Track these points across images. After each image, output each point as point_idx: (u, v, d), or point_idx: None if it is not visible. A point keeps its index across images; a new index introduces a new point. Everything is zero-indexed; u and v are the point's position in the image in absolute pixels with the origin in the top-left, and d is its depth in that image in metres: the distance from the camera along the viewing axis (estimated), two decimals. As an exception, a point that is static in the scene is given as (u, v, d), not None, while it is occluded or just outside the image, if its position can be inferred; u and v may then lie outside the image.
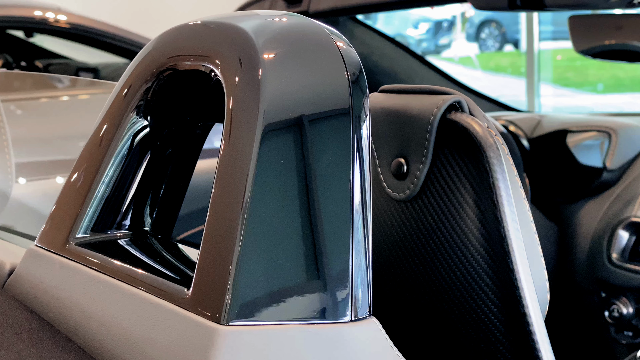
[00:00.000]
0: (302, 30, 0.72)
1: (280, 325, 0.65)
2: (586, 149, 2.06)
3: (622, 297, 1.95)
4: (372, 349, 0.67)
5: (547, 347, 0.80)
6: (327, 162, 0.67)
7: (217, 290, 0.64)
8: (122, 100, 0.79)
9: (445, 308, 0.85)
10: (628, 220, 1.94)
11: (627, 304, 1.94)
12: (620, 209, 1.98)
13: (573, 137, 2.08)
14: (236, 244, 0.64)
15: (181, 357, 0.65)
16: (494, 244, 0.81)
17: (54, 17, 3.75)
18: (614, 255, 1.94)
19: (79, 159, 0.82)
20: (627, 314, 1.94)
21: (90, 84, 2.91)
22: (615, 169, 2.03)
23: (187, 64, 0.74)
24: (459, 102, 0.83)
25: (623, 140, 2.04)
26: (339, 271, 0.66)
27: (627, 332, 1.96)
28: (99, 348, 0.71)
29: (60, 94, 2.52)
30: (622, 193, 2.02)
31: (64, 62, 4.16)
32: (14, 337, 0.70)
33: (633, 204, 1.95)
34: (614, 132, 2.05)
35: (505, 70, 10.03)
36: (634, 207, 1.94)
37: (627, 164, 2.05)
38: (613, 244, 1.95)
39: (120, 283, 0.72)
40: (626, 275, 1.92)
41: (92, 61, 4.16)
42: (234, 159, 0.67)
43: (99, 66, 4.15)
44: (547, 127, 2.14)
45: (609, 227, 1.98)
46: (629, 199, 1.98)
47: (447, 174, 0.84)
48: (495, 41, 10.63)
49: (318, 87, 0.69)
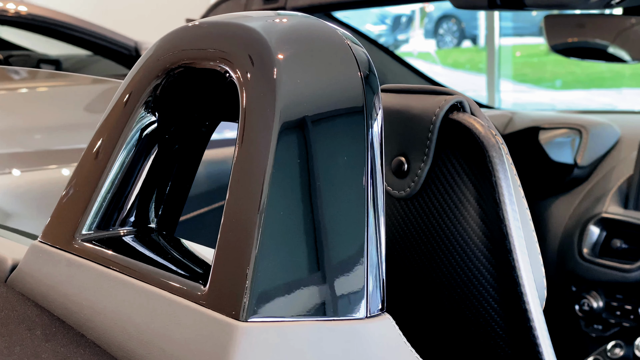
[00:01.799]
0: (314, 30, 0.73)
1: (297, 321, 0.65)
2: (557, 145, 2.09)
3: (593, 291, 1.99)
4: (387, 345, 0.68)
5: (547, 342, 0.81)
6: (343, 160, 0.68)
7: (236, 288, 0.65)
8: (131, 95, 0.79)
9: (445, 304, 0.87)
10: (599, 216, 1.98)
11: (597, 298, 1.98)
12: (591, 205, 2.02)
13: (545, 134, 2.11)
14: (254, 242, 0.65)
15: (199, 353, 0.66)
16: (496, 241, 0.82)
17: (14, 8, 3.72)
18: (585, 250, 1.98)
19: (85, 154, 0.82)
20: (597, 307, 1.98)
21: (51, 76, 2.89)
22: (586, 165, 2.07)
23: (199, 62, 0.75)
24: (461, 102, 0.85)
25: (593, 138, 2.08)
26: (354, 268, 0.67)
27: (597, 326, 2.00)
28: (111, 344, 0.72)
29: (21, 86, 2.49)
30: (592, 189, 2.05)
31: (25, 54, 4.12)
32: (27, 332, 0.70)
33: (604, 200, 1.99)
34: (584, 130, 2.09)
35: (463, 67, 10.09)
36: (605, 203, 1.98)
37: (597, 161, 2.09)
38: (584, 239, 1.98)
39: (132, 279, 0.73)
40: (597, 270, 1.95)
41: (53, 53, 4.13)
42: (251, 157, 0.67)
43: (60, 58, 4.12)
44: (518, 124, 2.17)
45: (580, 222, 2.01)
46: (599, 195, 2.02)
47: (449, 173, 0.86)
48: (454, 37, 10.67)
49: (332, 85, 0.70)
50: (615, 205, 1.97)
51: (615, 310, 1.95)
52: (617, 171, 2.05)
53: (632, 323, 1.92)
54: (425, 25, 10.80)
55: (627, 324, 1.93)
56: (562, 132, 2.10)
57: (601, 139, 2.10)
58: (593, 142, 2.08)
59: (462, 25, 10.47)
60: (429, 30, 10.75)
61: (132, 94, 0.79)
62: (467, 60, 10.47)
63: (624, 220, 1.93)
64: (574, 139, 2.08)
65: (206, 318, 0.66)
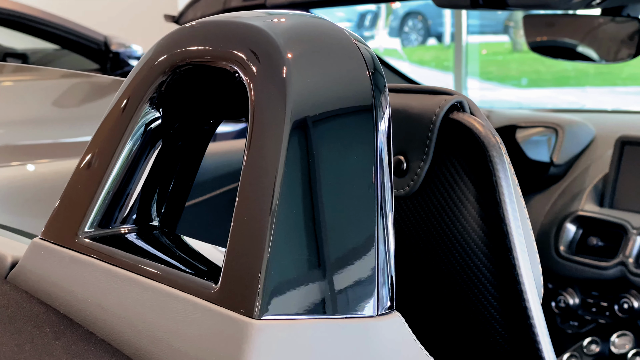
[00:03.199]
0: (322, 29, 0.73)
1: (310, 319, 0.66)
2: (534, 144, 2.11)
3: (569, 288, 2.01)
4: (397, 343, 0.69)
5: (547, 339, 0.83)
6: (353, 159, 0.69)
7: (249, 286, 0.65)
8: (136, 92, 0.79)
9: (445, 303, 0.87)
10: (575, 213, 2.00)
11: (574, 295, 2.01)
12: (567, 203, 2.05)
13: (521, 133, 2.13)
14: (266, 241, 0.65)
15: (213, 351, 0.66)
16: (496, 240, 0.83)
17: (-21, 2, 3.69)
18: (562, 248, 2.01)
19: (87, 151, 0.82)
20: (574, 304, 2.00)
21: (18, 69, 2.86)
22: (562, 163, 2.09)
23: (206, 60, 0.75)
24: (461, 102, 0.86)
25: (569, 136, 2.11)
26: (366, 267, 0.68)
27: (573, 322, 2.02)
28: (119, 340, 0.72)
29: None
30: (568, 187, 2.08)
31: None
32: (36, 330, 0.70)
33: (580, 198, 2.02)
34: (560, 128, 2.11)
35: (429, 64, 10.13)
36: (581, 201, 2.01)
37: (573, 159, 2.11)
38: (560, 237, 2.01)
39: (140, 277, 0.73)
40: (573, 267, 1.98)
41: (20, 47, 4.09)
42: (262, 156, 0.68)
43: (27, 52, 4.09)
44: (495, 122, 2.19)
45: (556, 220, 2.04)
46: (575, 193, 2.05)
47: (448, 172, 0.86)
48: (419, 35, 10.68)
49: (341, 84, 0.70)
50: (591, 203, 1.99)
51: (591, 307, 1.98)
52: (593, 169, 2.07)
53: (608, 320, 1.95)
54: (390, 22, 10.80)
55: (603, 320, 1.96)
56: (539, 131, 2.13)
57: (577, 138, 2.12)
58: (569, 141, 2.10)
59: (428, 23, 10.49)
60: (394, 28, 10.75)
61: (136, 90, 0.79)
62: (432, 57, 10.51)
63: (600, 218, 1.96)
64: (550, 137, 2.11)
65: (218, 315, 0.67)
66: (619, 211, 1.95)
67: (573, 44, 2.02)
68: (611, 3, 1.63)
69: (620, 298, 1.91)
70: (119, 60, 3.85)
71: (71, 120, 2.13)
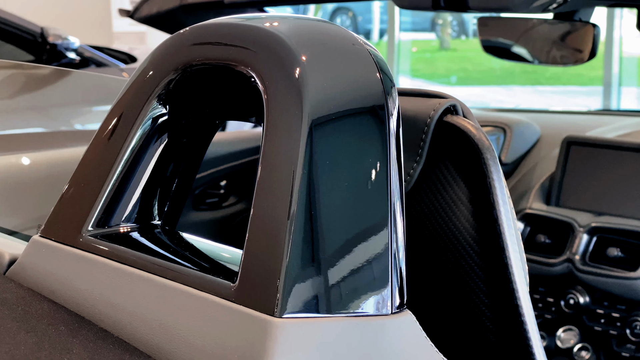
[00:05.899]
0: (331, 32, 0.75)
1: (328, 317, 0.68)
2: (483, 143, 2.15)
3: (517, 284, 2.06)
4: (411, 340, 0.71)
5: (537, 335, 0.86)
6: (367, 160, 0.71)
7: (269, 285, 0.67)
8: (143, 89, 0.80)
9: (439, 301, 0.90)
10: (523, 211, 2.05)
11: (522, 291, 2.05)
12: (515, 201, 2.09)
13: (471, 132, 2.17)
14: (285, 242, 0.67)
15: (233, 348, 0.67)
16: (489, 240, 0.86)
17: None
18: (510, 245, 2.05)
19: (90, 149, 0.82)
20: (521, 300, 2.05)
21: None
22: (510, 162, 2.14)
23: (218, 60, 0.76)
24: (454, 105, 0.88)
25: (516, 136, 2.16)
26: (380, 266, 0.70)
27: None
28: (133, 339, 0.73)
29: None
30: (516, 186, 2.13)
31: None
32: (51, 328, 0.70)
33: (527, 196, 2.07)
34: (508, 128, 2.16)
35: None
36: (529, 200, 2.06)
37: (520, 158, 2.16)
38: (509, 234, 2.05)
39: (153, 276, 0.74)
40: (521, 264, 2.03)
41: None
42: (280, 158, 0.69)
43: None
44: (445, 121, 2.22)
45: (505, 218, 2.08)
46: (522, 192, 2.10)
47: (441, 173, 0.89)
48: (347, 30, 10.67)
49: (355, 86, 0.72)
50: (539, 202, 2.05)
51: (538, 302, 2.03)
52: (539, 169, 2.13)
53: (554, 315, 2.00)
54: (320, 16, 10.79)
55: (549, 315, 2.01)
56: (487, 130, 2.17)
57: (524, 137, 2.17)
58: (516, 140, 2.15)
59: (357, 19, 10.54)
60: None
61: (144, 87, 0.80)
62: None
63: (547, 215, 2.01)
64: (498, 136, 2.15)
65: (238, 314, 0.68)
66: (566, 209, 2.00)
67: (507, 44, 2.07)
68: (566, 8, 1.68)
69: (567, 294, 1.97)
70: (56, 52, 3.79)
71: (8, 112, 2.10)
